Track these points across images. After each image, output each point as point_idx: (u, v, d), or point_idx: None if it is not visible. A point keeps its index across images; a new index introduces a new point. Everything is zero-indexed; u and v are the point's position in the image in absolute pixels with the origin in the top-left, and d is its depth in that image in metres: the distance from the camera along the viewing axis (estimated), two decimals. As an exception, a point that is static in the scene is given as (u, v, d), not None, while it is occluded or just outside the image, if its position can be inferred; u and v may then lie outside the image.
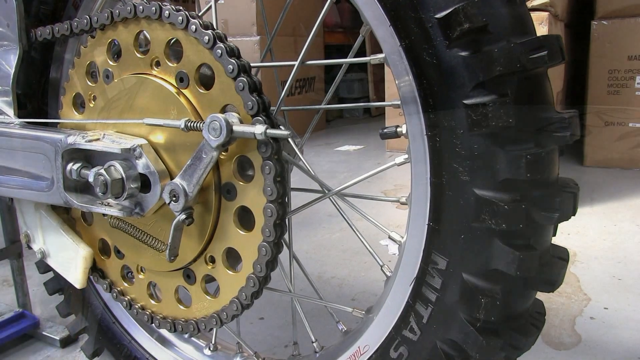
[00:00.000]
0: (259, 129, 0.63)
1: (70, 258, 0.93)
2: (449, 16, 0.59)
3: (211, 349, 0.98)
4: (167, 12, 0.73)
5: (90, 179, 0.78)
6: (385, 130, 0.75)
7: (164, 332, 1.02)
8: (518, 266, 0.60)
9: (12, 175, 0.89)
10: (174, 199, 0.72)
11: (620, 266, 1.75)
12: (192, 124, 0.69)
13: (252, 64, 0.70)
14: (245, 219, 0.75)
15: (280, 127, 0.67)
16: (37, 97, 1.04)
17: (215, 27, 0.72)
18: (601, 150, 2.64)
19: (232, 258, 0.78)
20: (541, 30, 2.05)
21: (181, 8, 0.73)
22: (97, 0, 0.97)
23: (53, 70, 1.03)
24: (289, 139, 0.81)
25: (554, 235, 0.66)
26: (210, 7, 0.81)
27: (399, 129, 0.74)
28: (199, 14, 0.73)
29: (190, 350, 1.00)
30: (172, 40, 0.75)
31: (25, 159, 0.87)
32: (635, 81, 2.54)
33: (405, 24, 0.63)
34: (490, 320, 0.62)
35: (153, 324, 0.87)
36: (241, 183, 0.72)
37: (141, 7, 0.75)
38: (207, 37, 0.69)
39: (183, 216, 0.72)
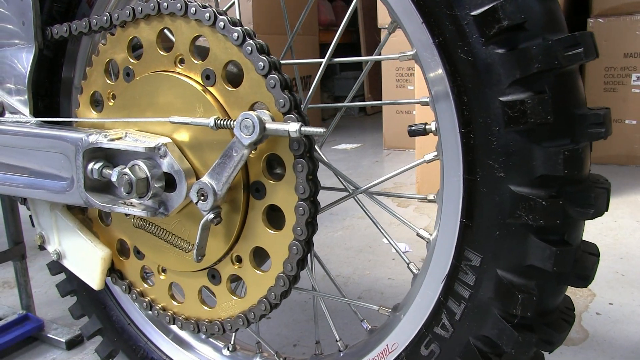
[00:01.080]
0: (293, 127, 0.63)
1: (87, 259, 0.91)
2: (486, 13, 0.58)
3: (230, 349, 0.97)
4: (193, 8, 0.72)
5: (114, 179, 0.77)
6: (413, 128, 0.75)
7: (181, 333, 1.01)
8: (555, 262, 0.60)
9: (28, 175, 0.88)
10: (202, 198, 0.71)
11: (622, 262, 1.77)
12: (222, 122, 0.68)
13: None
14: (272, 217, 0.74)
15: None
16: (48, 96, 1.02)
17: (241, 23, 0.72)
18: (598, 147, 2.67)
19: (258, 257, 0.78)
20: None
21: (207, 5, 0.72)
22: (112, -2, 0.95)
23: (65, 69, 1.01)
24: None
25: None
26: (233, 3, 0.80)
27: (427, 126, 0.74)
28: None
29: (208, 351, 0.99)
30: (197, 38, 0.74)
31: (42, 158, 0.85)
32: (632, 78, 2.57)
33: (439, 21, 0.63)
34: (526, 316, 0.63)
35: (175, 325, 0.86)
36: (271, 182, 0.71)
37: (165, 3, 0.74)
38: (236, 34, 0.69)
39: (211, 215, 0.71)
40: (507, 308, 0.63)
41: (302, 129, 0.63)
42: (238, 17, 0.77)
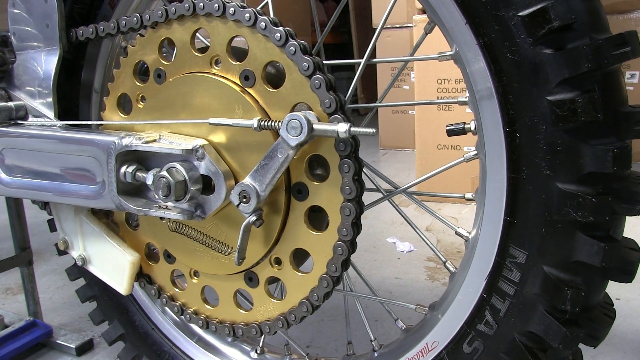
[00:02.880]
0: (342, 127, 0.63)
1: (115, 264, 0.90)
2: (536, 14, 0.59)
3: (258, 352, 0.97)
4: (232, 9, 0.71)
5: (149, 182, 0.76)
6: (452, 127, 0.75)
7: (207, 336, 1.01)
8: (603, 257, 0.61)
9: (55, 180, 0.86)
10: (244, 200, 0.71)
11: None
12: (266, 123, 0.68)
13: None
14: (313, 219, 0.74)
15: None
16: (67, 99, 1.00)
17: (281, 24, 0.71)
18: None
19: (297, 259, 0.77)
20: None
21: (245, 5, 0.72)
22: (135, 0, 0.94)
23: (85, 71, 1.00)
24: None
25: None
26: (266, 2, 0.80)
27: (466, 126, 0.75)
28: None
29: (236, 355, 0.98)
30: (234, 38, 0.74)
31: (71, 162, 0.84)
32: (625, 76, 2.63)
33: (484, 21, 0.63)
34: (575, 311, 0.64)
35: (208, 329, 0.86)
36: (314, 183, 0.71)
37: (202, 3, 0.73)
38: (278, 34, 0.68)
39: (253, 218, 0.71)
40: (555, 304, 0.64)
41: (352, 129, 0.63)
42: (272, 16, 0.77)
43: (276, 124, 0.67)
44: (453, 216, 2.28)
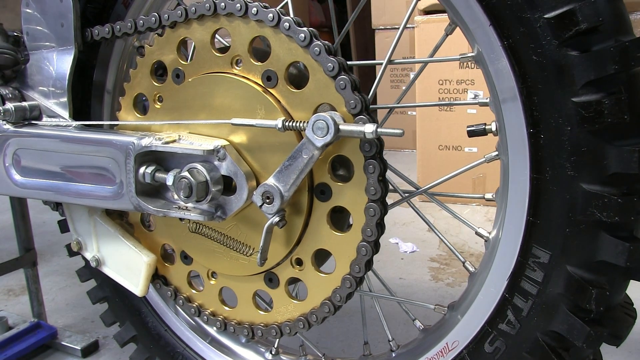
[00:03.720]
0: (369, 128, 0.63)
1: (130, 265, 0.89)
2: (562, 16, 0.60)
3: (273, 353, 0.96)
4: (254, 9, 0.71)
5: (169, 182, 0.76)
6: (473, 128, 0.76)
7: (221, 337, 1.00)
8: (628, 257, 0.62)
9: (70, 180, 0.85)
10: (267, 200, 0.71)
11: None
12: (291, 124, 0.67)
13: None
14: (334, 219, 0.74)
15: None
16: (79, 99, 0.99)
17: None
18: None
19: (317, 260, 0.77)
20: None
21: (268, 5, 0.72)
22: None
23: (97, 72, 0.99)
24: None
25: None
26: (286, 2, 0.79)
27: (487, 127, 0.75)
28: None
29: (250, 356, 0.98)
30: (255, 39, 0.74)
31: (87, 163, 0.83)
32: None
33: (508, 23, 0.63)
34: (599, 311, 0.64)
35: (226, 331, 0.85)
36: (338, 183, 0.71)
37: (223, 3, 0.73)
38: (302, 35, 0.68)
39: (277, 219, 0.71)
40: (579, 303, 0.65)
41: (379, 130, 0.63)
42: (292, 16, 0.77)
43: (301, 124, 0.67)
44: (452, 216, 2.29)
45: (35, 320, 1.49)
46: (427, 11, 2.29)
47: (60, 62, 0.88)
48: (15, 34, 0.94)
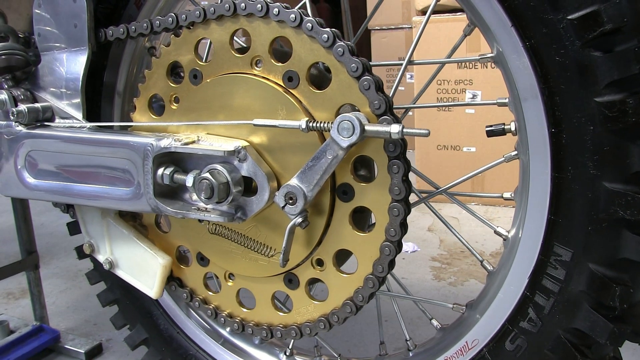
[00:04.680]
0: (395, 128, 0.63)
1: (145, 267, 0.89)
2: (587, 17, 0.60)
3: (287, 354, 0.96)
4: (276, 9, 0.71)
5: (189, 184, 0.75)
6: (492, 128, 0.76)
7: (235, 339, 1.00)
8: (651, 254, 0.63)
9: (84, 182, 0.84)
10: (290, 201, 0.70)
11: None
12: (315, 125, 0.67)
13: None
14: (356, 219, 0.74)
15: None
16: (89, 100, 0.98)
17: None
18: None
19: (338, 260, 0.77)
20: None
21: (289, 6, 0.72)
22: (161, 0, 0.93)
23: (107, 73, 0.98)
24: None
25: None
26: (304, 2, 0.79)
27: (506, 127, 0.76)
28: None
29: (264, 357, 0.98)
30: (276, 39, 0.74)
31: (103, 164, 0.82)
32: None
33: (531, 24, 0.64)
34: (622, 308, 0.65)
35: (244, 332, 0.85)
36: (361, 184, 0.71)
37: (243, 4, 0.73)
38: (326, 36, 0.68)
39: (299, 219, 0.71)
40: (602, 300, 0.65)
41: (405, 130, 0.63)
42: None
43: (326, 125, 0.67)
44: (454, 216, 2.31)
45: (37, 323, 1.48)
46: (425, 12, 2.30)
47: (73, 63, 0.87)
48: (26, 35, 0.93)
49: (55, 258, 2.06)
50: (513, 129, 0.74)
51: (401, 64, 0.75)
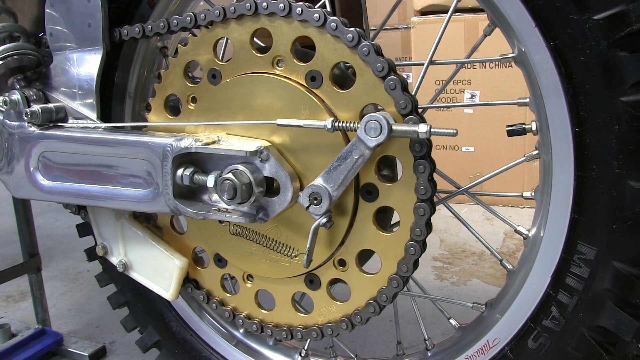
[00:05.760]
0: (423, 128, 0.63)
1: (161, 269, 0.88)
2: (614, 17, 0.61)
3: (302, 355, 0.96)
4: (299, 9, 0.71)
5: (210, 184, 0.75)
6: (513, 128, 0.77)
7: (249, 340, 0.99)
8: (677, 252, 0.64)
9: (100, 183, 0.83)
10: (314, 202, 0.70)
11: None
12: (341, 125, 0.67)
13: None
14: (379, 219, 0.74)
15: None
16: (100, 101, 0.97)
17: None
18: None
19: (360, 260, 0.77)
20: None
21: (311, 5, 0.71)
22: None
23: (119, 74, 0.97)
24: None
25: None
26: (323, 2, 0.79)
27: (527, 126, 0.76)
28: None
29: (278, 358, 0.97)
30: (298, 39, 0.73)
31: (119, 165, 0.81)
32: None
33: (556, 24, 0.64)
34: (648, 306, 0.66)
35: (263, 334, 0.84)
36: (385, 184, 0.71)
37: (265, 3, 0.72)
38: (350, 35, 0.68)
39: (324, 220, 0.70)
40: (628, 298, 0.66)
41: (433, 129, 0.63)
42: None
43: (353, 124, 0.66)
44: (453, 217, 2.32)
45: (40, 326, 1.46)
46: (424, 12, 2.31)
47: (86, 63, 0.86)
48: (38, 35, 0.91)
49: (54, 260, 2.03)
50: (534, 128, 0.75)
51: (422, 64, 0.75)
